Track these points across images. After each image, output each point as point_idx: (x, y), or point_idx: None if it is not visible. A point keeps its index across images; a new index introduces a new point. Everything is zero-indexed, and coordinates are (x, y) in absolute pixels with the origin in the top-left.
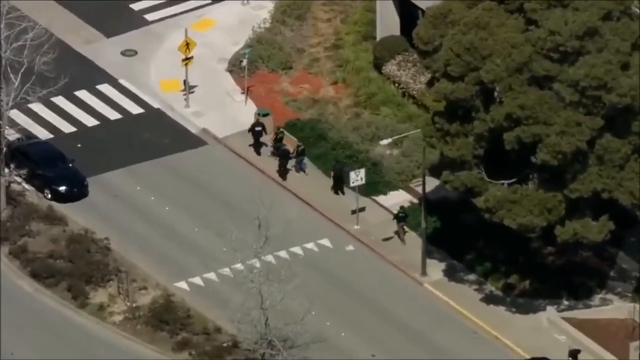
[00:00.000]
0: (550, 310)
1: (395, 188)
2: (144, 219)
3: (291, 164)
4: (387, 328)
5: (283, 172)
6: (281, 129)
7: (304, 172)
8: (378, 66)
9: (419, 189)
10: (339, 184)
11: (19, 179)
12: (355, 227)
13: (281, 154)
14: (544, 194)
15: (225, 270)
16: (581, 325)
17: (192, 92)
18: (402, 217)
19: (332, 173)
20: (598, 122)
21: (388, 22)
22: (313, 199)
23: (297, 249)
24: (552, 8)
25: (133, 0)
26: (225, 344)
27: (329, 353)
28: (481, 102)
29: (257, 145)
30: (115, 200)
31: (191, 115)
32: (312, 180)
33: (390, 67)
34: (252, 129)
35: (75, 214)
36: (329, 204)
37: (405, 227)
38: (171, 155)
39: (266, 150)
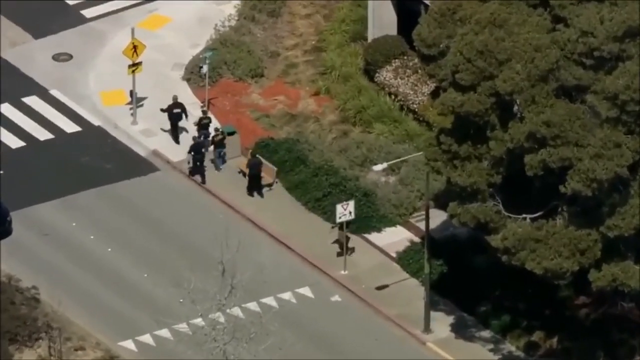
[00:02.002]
0: None
1: (392, 224)
2: (81, 263)
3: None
4: None
5: (196, 170)
6: (208, 113)
7: (218, 168)
8: (370, 73)
9: (422, 225)
10: (256, 182)
11: None
12: (343, 272)
13: (194, 147)
14: (575, 232)
15: (182, 327)
16: None
17: (141, 106)
18: (347, 222)
19: (247, 170)
20: None
21: (382, 20)
22: (290, 238)
23: (270, 300)
24: (585, 3)
25: None
26: None
27: None
28: (497, 118)
29: (175, 132)
30: (46, 239)
31: (139, 134)
32: (289, 215)
33: (385, 75)
34: (168, 111)
35: None
36: (310, 244)
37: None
38: (115, 183)
39: (187, 139)
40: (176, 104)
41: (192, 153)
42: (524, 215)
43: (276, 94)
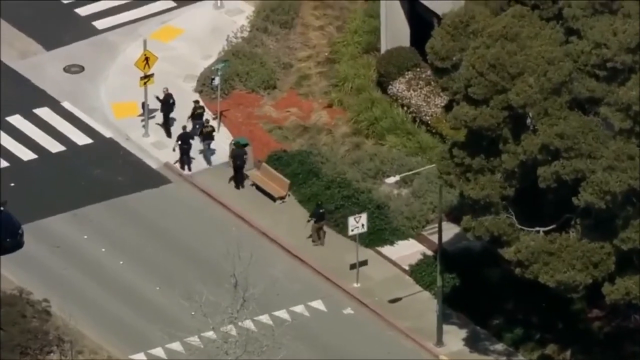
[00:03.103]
0: None
1: (405, 237)
2: (93, 276)
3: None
4: None
5: (184, 161)
6: (201, 103)
7: (208, 162)
8: (383, 85)
9: (434, 238)
10: (240, 173)
11: None
12: (355, 285)
13: (182, 137)
14: (588, 245)
15: (194, 340)
16: None
17: (153, 118)
18: (322, 214)
19: (230, 160)
20: None
21: (395, 31)
22: (303, 250)
23: (282, 313)
24: (598, 15)
25: (79, 4)
26: None
27: None
28: (510, 131)
29: (167, 124)
30: (57, 252)
31: (151, 147)
32: (301, 228)
33: (397, 87)
34: (165, 101)
35: (7, 270)
36: (323, 256)
37: (324, 227)
38: (126, 196)
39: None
40: (169, 94)
41: (180, 142)
42: (537, 228)
43: (289, 105)
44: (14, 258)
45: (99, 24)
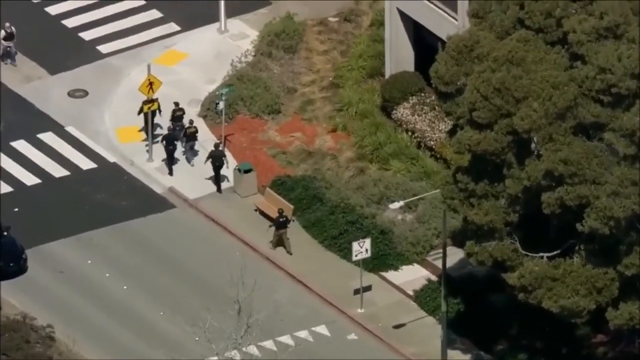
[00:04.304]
0: None
1: (409, 262)
2: (97, 302)
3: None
4: None
5: (167, 161)
6: (181, 106)
7: (190, 162)
8: (387, 110)
9: (439, 263)
10: (218, 175)
11: None
12: (359, 310)
13: (167, 138)
14: (592, 270)
15: None
16: None
17: (157, 143)
18: (283, 222)
19: (210, 162)
20: None
21: (400, 56)
22: (307, 276)
23: (286, 339)
24: (603, 40)
25: (83, 28)
26: None
27: None
28: (514, 156)
29: (152, 129)
30: (61, 277)
31: (155, 172)
32: (305, 253)
33: (402, 112)
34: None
35: (10, 295)
36: (327, 282)
37: (286, 235)
38: (130, 220)
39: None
40: (147, 100)
41: (164, 143)
42: (541, 254)
43: (293, 130)
44: (17, 283)
45: (103, 48)
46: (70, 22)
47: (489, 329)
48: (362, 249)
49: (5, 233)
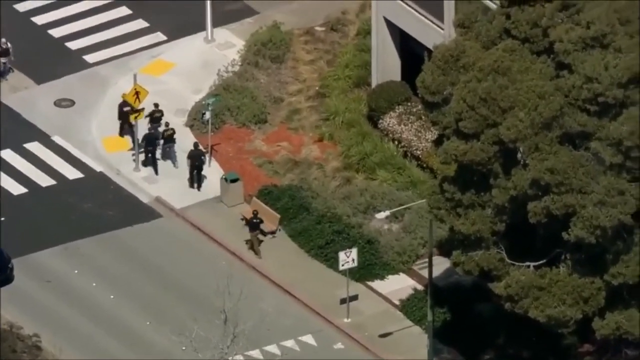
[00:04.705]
0: None
1: (395, 271)
2: (83, 311)
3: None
4: None
5: (148, 161)
6: (159, 107)
7: (173, 162)
8: (374, 119)
9: (425, 273)
10: (197, 174)
11: None
12: (346, 320)
13: (147, 138)
14: (578, 280)
15: None
16: None
17: (143, 152)
18: (257, 223)
19: (188, 161)
20: None
21: (386, 65)
22: (293, 285)
23: (273, 348)
24: (589, 49)
25: (70, 38)
26: None
27: None
28: (501, 166)
29: (124, 128)
30: (48, 287)
31: (142, 181)
32: (292, 263)
33: (388, 121)
34: (119, 109)
35: None
36: (313, 291)
37: (260, 236)
38: (117, 230)
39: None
40: (125, 102)
41: (144, 143)
42: (527, 263)
43: (279, 140)
44: (4, 292)
45: (90, 57)
46: (56, 32)
47: (476, 338)
48: (348, 258)
49: None
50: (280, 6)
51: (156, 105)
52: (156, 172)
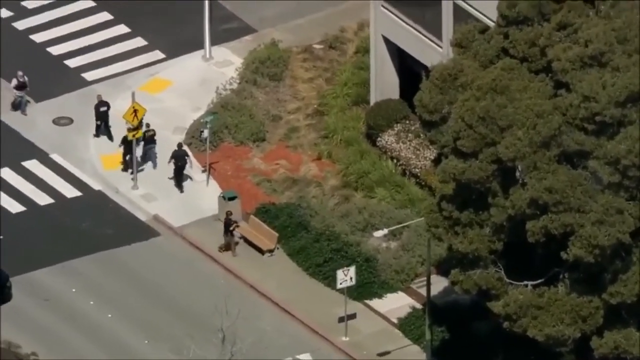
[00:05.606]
0: None
1: (394, 290)
2: (81, 330)
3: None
4: None
5: (126, 162)
6: (151, 127)
7: (153, 163)
8: (372, 137)
9: (423, 291)
10: (180, 174)
11: None
12: (344, 338)
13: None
14: (577, 299)
15: None
16: None
17: (142, 171)
18: (229, 223)
19: (173, 161)
20: None
21: (384, 83)
22: (291, 304)
23: None
24: (587, 68)
25: (68, 56)
26: None
27: None
28: (499, 185)
29: (107, 131)
30: (46, 305)
31: (140, 199)
32: (290, 281)
33: (387, 139)
34: (95, 110)
35: None
36: (311, 310)
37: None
38: (115, 249)
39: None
40: (102, 102)
41: (124, 145)
42: (525, 282)
43: (278, 158)
44: (1, 311)
45: (88, 75)
46: (55, 50)
47: (474, 357)
48: (346, 276)
49: None
50: (279, 24)
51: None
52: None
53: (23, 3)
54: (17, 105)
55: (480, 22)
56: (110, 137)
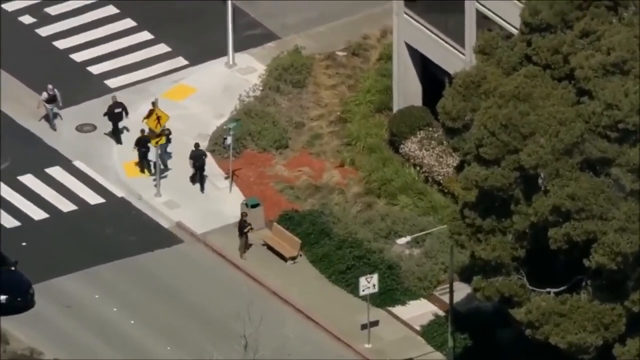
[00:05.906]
0: None
1: (416, 297)
2: (104, 336)
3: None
4: None
5: (143, 165)
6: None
7: (165, 165)
8: (395, 144)
9: (446, 298)
10: (200, 174)
11: None
12: (367, 345)
13: (141, 140)
14: (599, 306)
15: None
16: None
17: (164, 177)
18: (244, 225)
19: (191, 162)
20: None
21: (407, 90)
22: (314, 311)
23: None
24: (610, 75)
25: (91, 62)
26: None
27: None
28: (522, 192)
29: (117, 133)
30: (68, 312)
31: (163, 206)
32: (313, 288)
33: (410, 146)
34: (109, 112)
35: (17, 330)
36: (334, 317)
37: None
38: (138, 255)
39: (128, 138)
40: (116, 103)
41: (137, 146)
42: (548, 289)
43: (300, 165)
44: (24, 318)
45: (111, 82)
46: (78, 57)
47: None
48: (369, 284)
49: (12, 268)
50: (302, 31)
51: (153, 102)
52: (150, 172)
53: (46, 9)
54: (49, 119)
55: (503, 29)
56: (118, 140)
